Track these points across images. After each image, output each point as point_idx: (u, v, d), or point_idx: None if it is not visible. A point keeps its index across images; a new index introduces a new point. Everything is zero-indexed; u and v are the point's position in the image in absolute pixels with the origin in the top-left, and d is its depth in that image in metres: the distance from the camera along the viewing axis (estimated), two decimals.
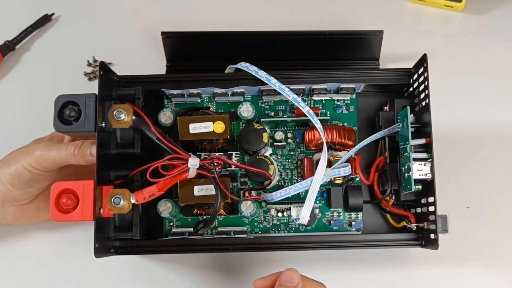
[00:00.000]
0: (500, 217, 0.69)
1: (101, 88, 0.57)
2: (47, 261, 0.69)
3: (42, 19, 0.78)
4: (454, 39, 0.76)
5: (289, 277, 0.53)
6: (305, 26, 0.73)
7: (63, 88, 0.63)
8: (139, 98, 0.60)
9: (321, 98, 0.67)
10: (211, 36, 0.73)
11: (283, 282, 0.53)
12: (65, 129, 0.58)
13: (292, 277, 0.53)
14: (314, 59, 0.74)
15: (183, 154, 0.58)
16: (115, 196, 0.55)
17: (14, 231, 0.69)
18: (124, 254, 0.60)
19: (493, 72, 0.74)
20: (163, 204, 0.63)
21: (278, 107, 0.67)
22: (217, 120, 0.61)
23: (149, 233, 0.63)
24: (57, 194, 0.56)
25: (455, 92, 0.74)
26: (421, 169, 0.58)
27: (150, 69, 0.74)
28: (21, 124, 0.74)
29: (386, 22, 0.77)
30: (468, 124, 0.72)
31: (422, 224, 0.60)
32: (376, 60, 0.74)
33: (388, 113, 0.65)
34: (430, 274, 0.68)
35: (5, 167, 0.59)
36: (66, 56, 0.77)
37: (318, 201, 0.65)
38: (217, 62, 0.71)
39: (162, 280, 0.68)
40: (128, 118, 0.56)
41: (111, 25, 0.78)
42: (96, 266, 0.68)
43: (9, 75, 0.76)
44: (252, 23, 0.77)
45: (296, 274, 0.54)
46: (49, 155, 0.58)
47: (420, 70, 0.61)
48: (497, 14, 0.77)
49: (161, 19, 0.78)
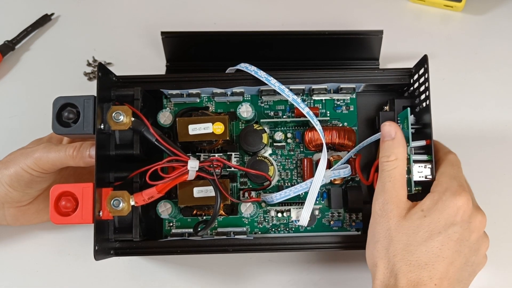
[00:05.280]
0: (500, 217, 0.69)
1: (100, 90, 0.57)
2: (47, 261, 0.69)
3: (41, 19, 0.78)
4: (454, 39, 0.76)
5: (386, 131, 0.56)
6: (305, 26, 0.73)
7: (63, 88, 0.63)
8: (138, 99, 0.60)
9: (321, 98, 0.67)
10: (211, 36, 0.73)
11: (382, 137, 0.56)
12: (64, 131, 0.58)
13: (390, 131, 0.55)
14: (314, 59, 0.74)
15: (183, 156, 0.58)
16: (114, 199, 0.55)
17: (14, 232, 0.69)
18: (124, 255, 0.60)
19: (493, 72, 0.74)
20: (162, 205, 0.63)
21: (277, 107, 0.67)
22: (216, 121, 0.61)
23: (149, 233, 0.63)
24: (56, 196, 0.56)
25: (455, 92, 0.73)
26: (421, 171, 0.57)
27: (150, 69, 0.74)
28: (20, 124, 0.74)
29: (386, 22, 0.76)
30: (468, 124, 0.72)
31: None
32: (376, 60, 0.73)
33: (388, 113, 0.65)
34: None
35: (5, 169, 0.59)
36: (65, 56, 0.77)
37: (318, 201, 0.65)
38: (217, 62, 0.71)
39: (162, 281, 0.68)
40: (127, 120, 0.56)
41: (111, 25, 0.78)
42: (96, 266, 0.68)
43: (8, 75, 0.76)
44: (252, 23, 0.77)
45: (393, 126, 0.56)
46: (48, 157, 0.58)
47: (420, 71, 0.60)
48: (497, 14, 0.77)
49: (161, 19, 0.78)
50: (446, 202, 0.51)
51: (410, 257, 0.50)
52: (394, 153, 0.54)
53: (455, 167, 0.56)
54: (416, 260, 0.50)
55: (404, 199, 0.53)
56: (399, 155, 0.54)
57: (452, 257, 0.50)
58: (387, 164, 0.54)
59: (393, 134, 0.55)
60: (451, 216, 0.51)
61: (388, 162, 0.54)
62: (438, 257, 0.50)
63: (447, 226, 0.51)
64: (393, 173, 0.54)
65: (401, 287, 0.49)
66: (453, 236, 0.50)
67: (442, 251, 0.50)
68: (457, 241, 0.51)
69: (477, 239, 0.53)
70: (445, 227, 0.51)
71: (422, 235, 0.50)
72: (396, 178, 0.54)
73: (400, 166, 0.54)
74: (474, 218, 0.52)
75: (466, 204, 0.51)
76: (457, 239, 0.51)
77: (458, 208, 0.51)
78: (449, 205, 0.51)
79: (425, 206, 0.52)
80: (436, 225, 0.51)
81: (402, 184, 0.54)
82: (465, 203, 0.51)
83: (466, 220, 0.51)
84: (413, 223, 0.51)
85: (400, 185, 0.54)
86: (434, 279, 0.49)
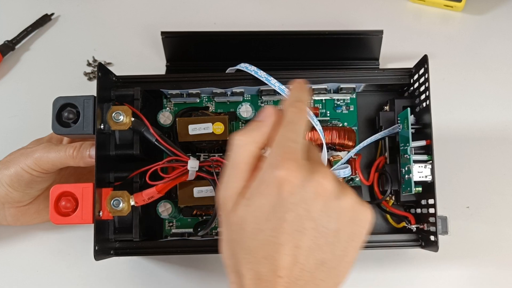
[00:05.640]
0: (500, 217, 0.69)
1: (100, 90, 0.57)
2: (47, 261, 0.69)
3: (41, 19, 0.78)
4: (454, 39, 0.76)
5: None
6: (305, 26, 0.72)
7: (63, 88, 0.63)
8: (137, 99, 0.60)
9: (321, 98, 0.67)
10: (211, 36, 0.73)
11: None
12: (64, 132, 0.58)
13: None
14: (314, 59, 0.74)
15: (183, 156, 0.58)
16: (114, 199, 0.55)
17: (14, 232, 0.69)
18: (124, 255, 0.60)
19: (493, 72, 0.74)
20: (162, 205, 0.63)
21: (277, 107, 0.67)
22: (216, 121, 0.61)
23: (149, 233, 0.63)
24: (56, 197, 0.56)
25: (455, 92, 0.73)
26: (421, 171, 0.58)
27: (150, 69, 0.74)
28: (20, 124, 0.74)
29: (386, 22, 0.76)
30: (468, 124, 0.72)
31: (422, 226, 0.60)
32: (376, 60, 0.73)
33: (388, 113, 0.65)
34: (429, 274, 0.68)
35: (5, 169, 0.59)
36: (66, 56, 0.77)
37: None
38: (217, 62, 0.71)
39: (161, 281, 0.68)
40: (127, 120, 0.56)
41: (111, 25, 0.78)
42: (96, 266, 0.68)
43: (8, 75, 0.76)
44: (252, 23, 0.77)
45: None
46: (48, 157, 0.58)
47: (420, 71, 0.60)
48: (497, 14, 0.77)
49: (161, 19, 0.78)
50: (267, 181, 0.41)
51: (247, 255, 0.41)
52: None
53: (288, 126, 0.43)
54: (254, 256, 0.41)
55: (236, 191, 0.43)
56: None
57: (294, 239, 0.40)
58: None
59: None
60: (275, 196, 0.40)
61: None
62: (276, 247, 0.40)
63: (273, 208, 0.40)
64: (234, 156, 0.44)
65: (246, 285, 0.41)
66: (286, 217, 0.40)
67: (277, 238, 0.40)
68: (295, 220, 0.40)
69: (325, 205, 0.41)
70: (273, 210, 0.40)
71: (250, 229, 0.41)
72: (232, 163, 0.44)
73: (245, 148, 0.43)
74: (309, 184, 0.40)
75: (289, 174, 0.40)
76: (294, 218, 0.40)
77: (279, 183, 0.40)
78: (270, 184, 0.40)
79: (249, 192, 0.42)
80: (261, 212, 0.41)
81: (240, 170, 0.43)
82: (287, 174, 0.40)
83: (297, 192, 0.40)
84: (239, 217, 0.42)
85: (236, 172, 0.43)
86: (277, 271, 0.40)
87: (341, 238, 0.42)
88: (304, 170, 0.41)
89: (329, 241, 0.41)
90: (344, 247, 0.42)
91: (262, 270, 0.40)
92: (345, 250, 0.42)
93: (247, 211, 0.41)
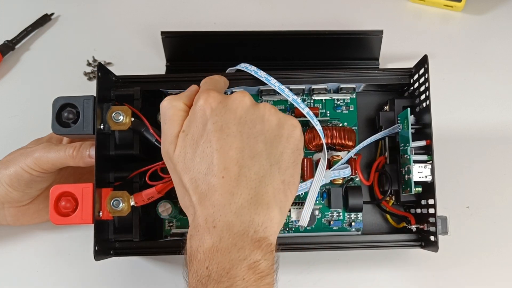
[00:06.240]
0: (500, 217, 0.69)
1: (99, 90, 0.57)
2: (47, 261, 0.69)
3: (41, 19, 0.78)
4: (454, 39, 0.76)
5: None
6: (305, 26, 0.72)
7: (63, 88, 0.63)
8: (137, 99, 0.60)
9: (321, 98, 0.67)
10: (211, 36, 0.73)
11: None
12: (64, 132, 0.58)
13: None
14: (314, 59, 0.74)
15: None
16: (114, 199, 0.55)
17: (14, 232, 0.69)
18: (124, 255, 0.60)
19: (493, 71, 0.74)
20: (162, 205, 0.63)
21: (277, 106, 0.67)
22: None
23: (149, 233, 0.63)
24: (56, 197, 0.56)
25: (455, 92, 0.73)
26: (421, 171, 0.58)
27: (150, 69, 0.74)
28: (20, 124, 0.73)
29: (386, 22, 0.76)
30: (468, 124, 0.72)
31: (422, 226, 0.60)
32: (376, 60, 0.73)
33: (388, 113, 0.65)
34: (429, 274, 0.68)
35: (4, 169, 0.59)
36: (65, 56, 0.77)
37: (318, 201, 0.65)
38: (217, 62, 0.71)
39: (162, 281, 0.68)
40: (127, 120, 0.56)
41: (111, 25, 0.78)
42: (95, 266, 0.67)
43: (8, 75, 0.76)
44: (252, 23, 0.77)
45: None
46: (48, 157, 0.58)
47: (420, 71, 0.60)
48: (497, 14, 0.77)
49: (161, 19, 0.78)
50: (195, 112, 0.50)
51: (193, 174, 0.48)
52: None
53: (206, 80, 0.56)
54: (198, 172, 0.48)
55: (174, 134, 0.50)
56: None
57: (226, 143, 0.48)
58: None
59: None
60: (201, 117, 0.49)
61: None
62: (212, 154, 0.47)
63: (203, 126, 0.49)
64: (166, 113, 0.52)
65: (195, 203, 0.47)
66: (214, 128, 0.48)
67: (212, 147, 0.48)
68: (222, 128, 0.48)
69: (246, 111, 0.50)
70: (203, 128, 0.48)
71: (190, 150, 0.48)
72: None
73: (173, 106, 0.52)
74: (227, 101, 0.50)
75: (206, 96, 0.49)
76: (220, 127, 0.48)
77: (201, 105, 0.49)
78: (195, 110, 0.50)
79: (184, 125, 0.50)
80: (196, 133, 0.49)
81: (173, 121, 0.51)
82: (205, 97, 0.49)
83: (220, 108, 0.49)
84: (180, 149, 0.49)
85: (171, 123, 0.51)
86: (218, 173, 0.47)
87: (269, 132, 0.50)
88: (221, 96, 0.50)
89: (255, 136, 0.49)
90: (273, 137, 0.50)
91: (211, 180, 0.47)
92: (275, 139, 0.50)
93: (185, 140, 0.49)
